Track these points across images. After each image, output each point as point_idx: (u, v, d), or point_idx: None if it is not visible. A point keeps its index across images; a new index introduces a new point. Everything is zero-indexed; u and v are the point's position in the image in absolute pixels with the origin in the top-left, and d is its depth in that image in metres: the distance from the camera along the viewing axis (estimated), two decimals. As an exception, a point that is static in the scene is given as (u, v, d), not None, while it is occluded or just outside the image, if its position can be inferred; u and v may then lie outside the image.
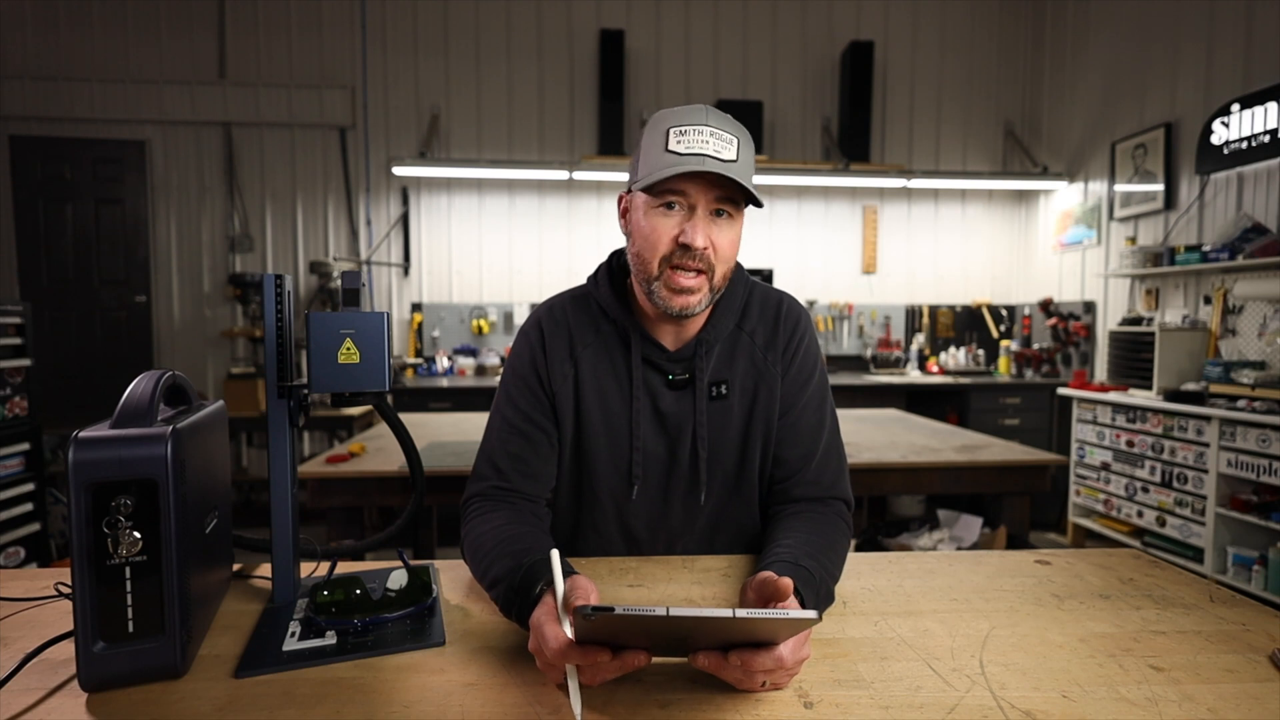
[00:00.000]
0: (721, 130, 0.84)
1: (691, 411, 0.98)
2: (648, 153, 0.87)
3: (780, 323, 1.01)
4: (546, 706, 0.62)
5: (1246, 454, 2.78)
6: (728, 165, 0.83)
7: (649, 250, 0.88)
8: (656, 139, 0.85)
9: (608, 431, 0.98)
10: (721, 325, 0.98)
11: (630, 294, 0.99)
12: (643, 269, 0.90)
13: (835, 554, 0.87)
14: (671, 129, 0.84)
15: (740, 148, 0.86)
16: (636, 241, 0.91)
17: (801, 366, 1.00)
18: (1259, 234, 3.04)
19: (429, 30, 4.44)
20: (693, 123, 0.84)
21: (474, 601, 0.86)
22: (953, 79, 4.80)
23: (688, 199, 0.86)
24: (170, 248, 4.34)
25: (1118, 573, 0.97)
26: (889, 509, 3.61)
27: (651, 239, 0.88)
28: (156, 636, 0.64)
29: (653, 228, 0.87)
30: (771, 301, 1.03)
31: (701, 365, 0.97)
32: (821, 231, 4.80)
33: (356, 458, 2.05)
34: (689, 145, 0.83)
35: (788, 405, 1.00)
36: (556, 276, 4.55)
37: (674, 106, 0.89)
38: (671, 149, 0.83)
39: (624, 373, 0.98)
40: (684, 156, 0.82)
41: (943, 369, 4.65)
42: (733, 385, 0.98)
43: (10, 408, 2.65)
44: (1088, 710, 0.62)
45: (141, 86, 4.20)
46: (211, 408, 0.81)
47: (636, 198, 0.91)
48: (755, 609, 0.54)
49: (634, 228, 0.92)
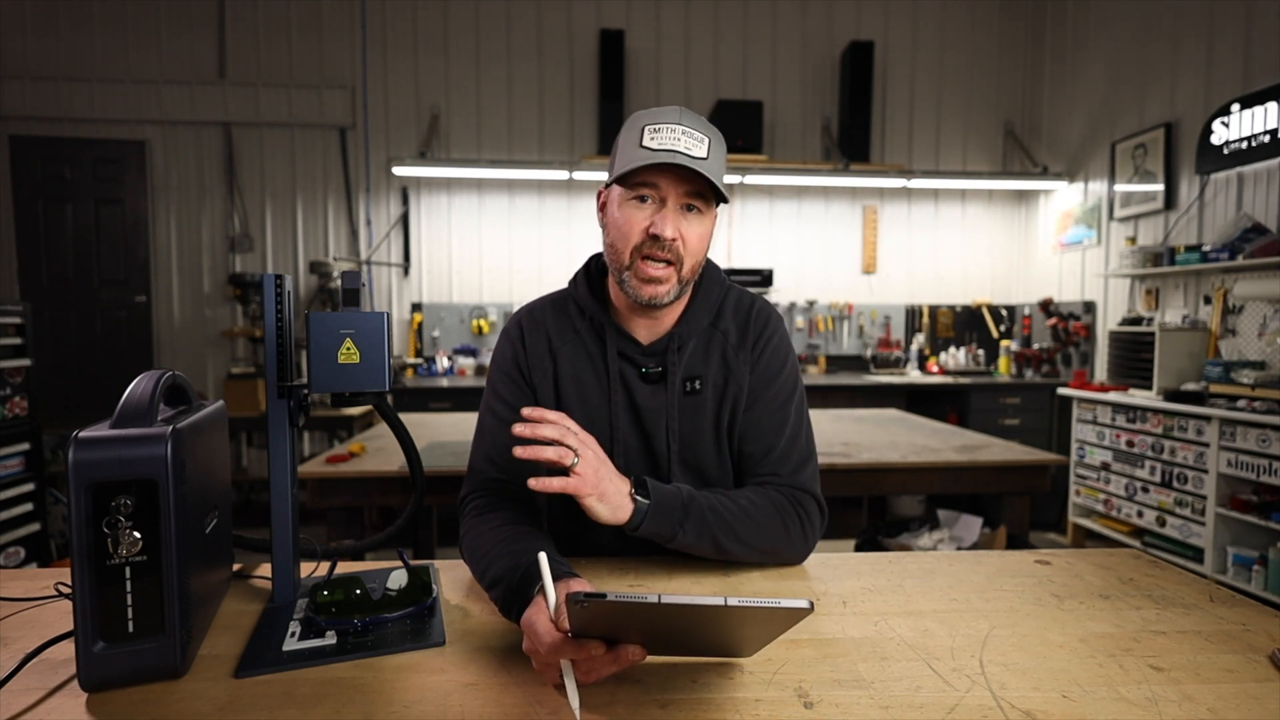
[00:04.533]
0: (694, 130, 0.89)
1: (665, 406, 1.00)
2: (623, 149, 0.91)
3: (751, 321, 1.05)
4: (546, 707, 0.62)
5: (1246, 454, 2.78)
6: (698, 162, 0.87)
7: (621, 240, 0.92)
8: (632, 136, 0.90)
9: (589, 424, 1.00)
10: (695, 322, 1.02)
11: (607, 294, 1.04)
12: (615, 259, 0.94)
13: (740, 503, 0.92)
14: (646, 126, 0.89)
15: (711, 147, 0.90)
16: (610, 232, 0.95)
17: (769, 364, 1.03)
18: (1259, 234, 3.04)
19: (429, 30, 4.44)
20: (666, 121, 0.89)
21: (474, 601, 0.86)
22: (953, 79, 4.80)
23: (659, 192, 0.90)
24: (170, 248, 4.34)
25: (1118, 573, 0.97)
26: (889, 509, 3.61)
27: (624, 229, 0.92)
28: (156, 636, 0.64)
29: (625, 218, 0.92)
30: (745, 302, 1.07)
31: (674, 359, 1.00)
32: (821, 231, 4.80)
33: (356, 458, 2.05)
34: (661, 142, 0.87)
35: (752, 400, 1.02)
36: (556, 276, 4.55)
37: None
38: (645, 145, 0.88)
39: (601, 367, 1.02)
40: (656, 151, 0.87)
41: (943, 369, 4.65)
42: (706, 381, 1.01)
43: (10, 408, 2.65)
44: (1088, 710, 0.62)
45: (141, 86, 4.20)
46: (211, 408, 0.81)
47: (613, 192, 0.95)
48: (748, 598, 0.54)
49: (609, 219, 0.96)
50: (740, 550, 0.92)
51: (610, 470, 0.83)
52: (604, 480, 0.81)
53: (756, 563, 0.97)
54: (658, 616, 0.55)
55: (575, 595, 0.53)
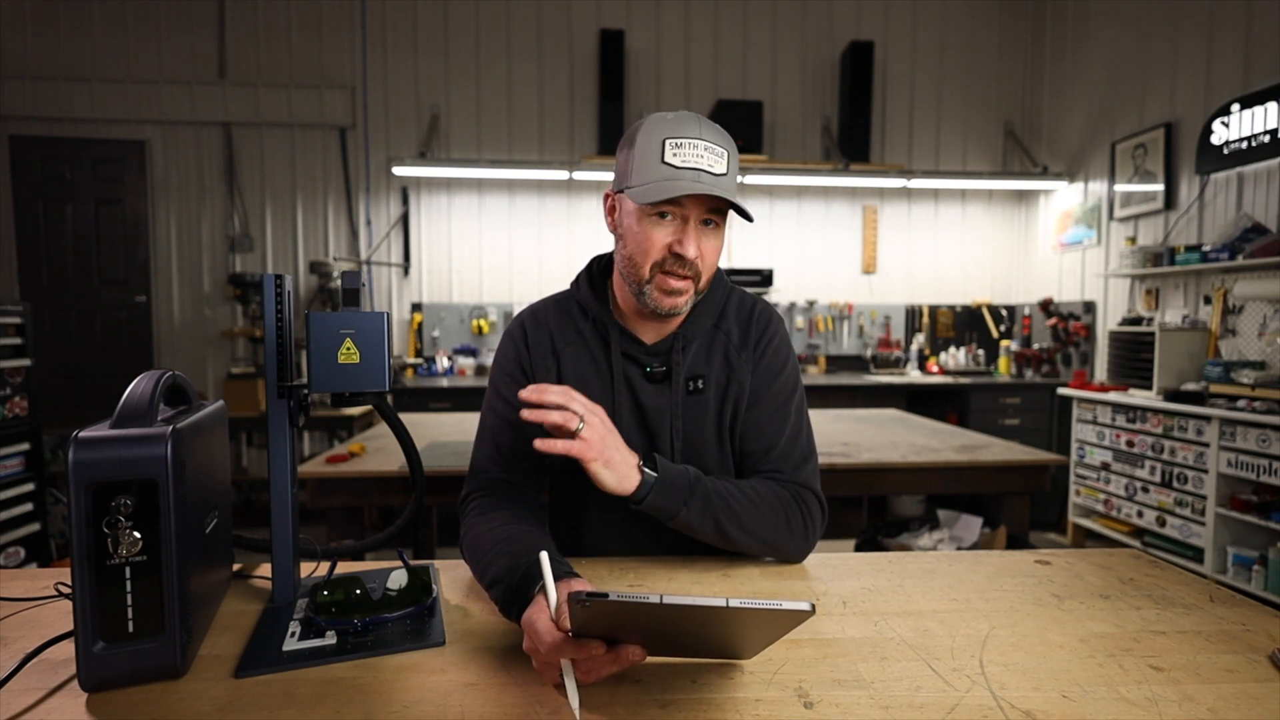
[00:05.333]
0: (715, 145, 0.89)
1: (669, 405, 1.00)
2: (642, 160, 0.90)
3: (753, 322, 1.06)
4: (547, 707, 0.62)
5: (1246, 454, 2.78)
6: (719, 180, 0.88)
7: (641, 256, 0.93)
8: (652, 148, 0.89)
9: None
10: (699, 323, 1.03)
11: (610, 295, 1.04)
12: (634, 272, 0.94)
13: (745, 490, 0.93)
14: (667, 140, 0.88)
15: (729, 160, 0.91)
16: (629, 245, 0.94)
17: (771, 364, 1.04)
18: (1259, 234, 3.04)
19: (429, 30, 4.44)
20: (688, 135, 0.88)
21: (474, 601, 0.86)
22: (953, 79, 4.80)
23: (681, 209, 0.90)
24: (170, 248, 4.34)
25: (1118, 573, 0.97)
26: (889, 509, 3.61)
27: (645, 246, 0.92)
28: (156, 636, 0.64)
29: (646, 235, 0.92)
30: (747, 304, 1.08)
31: (679, 359, 1.00)
32: (821, 231, 4.80)
33: (356, 458, 2.05)
34: (684, 159, 0.87)
35: (753, 399, 1.03)
36: (556, 276, 4.55)
37: (666, 111, 0.94)
38: (668, 161, 0.88)
39: (605, 367, 1.02)
40: (680, 170, 0.87)
41: (943, 369, 4.65)
42: (709, 381, 1.02)
43: (10, 408, 2.65)
44: (1088, 710, 0.62)
45: (141, 86, 4.20)
46: (211, 408, 0.81)
47: (626, 201, 0.94)
48: (749, 599, 0.54)
49: (625, 232, 0.95)
50: (741, 537, 0.92)
51: (617, 440, 0.85)
52: (610, 448, 0.82)
53: (755, 553, 0.97)
54: (660, 617, 0.55)
55: (578, 594, 0.53)
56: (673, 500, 0.87)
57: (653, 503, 0.86)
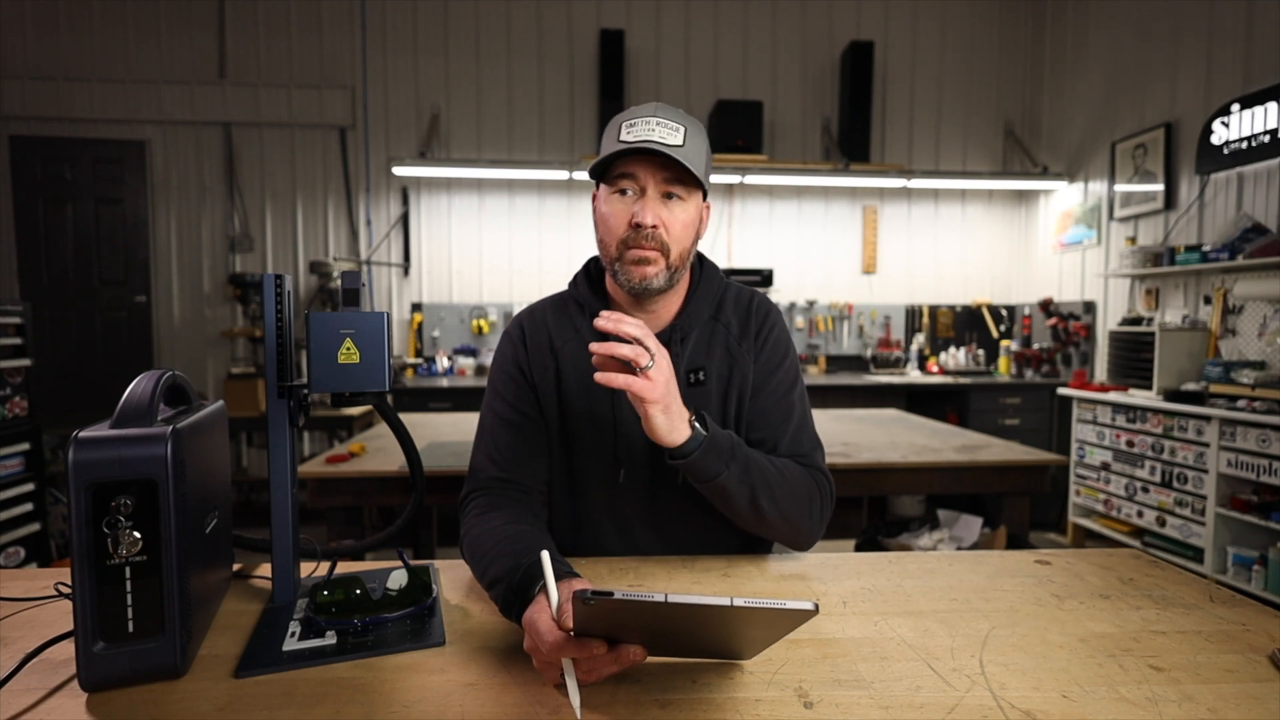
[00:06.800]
0: (669, 120, 0.91)
1: None
2: (605, 147, 0.95)
3: (752, 314, 1.06)
4: (547, 707, 0.62)
5: (1246, 454, 2.78)
6: (673, 149, 0.89)
7: (608, 234, 0.95)
8: (611, 134, 0.93)
9: (591, 417, 1.01)
10: (695, 314, 1.03)
11: (607, 292, 1.05)
12: (605, 253, 0.97)
13: (777, 465, 0.94)
14: (624, 123, 0.92)
15: (689, 136, 0.92)
16: (599, 229, 0.98)
17: (772, 353, 1.04)
18: (1259, 234, 3.04)
19: (429, 30, 4.44)
20: (641, 115, 0.92)
21: (474, 601, 0.86)
22: (953, 79, 4.80)
23: (638, 182, 0.92)
24: (170, 248, 4.34)
25: (1118, 573, 0.97)
26: (889, 509, 3.61)
27: (610, 222, 0.94)
28: (156, 636, 0.64)
29: (610, 212, 0.94)
30: (745, 295, 1.09)
31: (678, 351, 1.01)
32: (821, 231, 4.80)
33: (356, 458, 2.05)
34: (637, 134, 0.90)
35: (757, 389, 1.03)
36: (557, 276, 4.55)
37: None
38: (622, 139, 0.90)
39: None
40: (632, 144, 0.90)
41: (943, 369, 4.65)
42: (710, 372, 1.02)
43: (10, 408, 2.65)
44: (1088, 710, 0.62)
45: (141, 86, 4.20)
46: (211, 408, 0.81)
47: (600, 191, 0.98)
48: (753, 599, 0.54)
49: (597, 216, 0.99)
50: (772, 511, 0.91)
51: (677, 390, 0.84)
52: (671, 395, 0.82)
53: (773, 532, 0.96)
54: (663, 616, 0.55)
55: (583, 593, 0.53)
56: (717, 461, 0.86)
57: (698, 460, 0.84)
